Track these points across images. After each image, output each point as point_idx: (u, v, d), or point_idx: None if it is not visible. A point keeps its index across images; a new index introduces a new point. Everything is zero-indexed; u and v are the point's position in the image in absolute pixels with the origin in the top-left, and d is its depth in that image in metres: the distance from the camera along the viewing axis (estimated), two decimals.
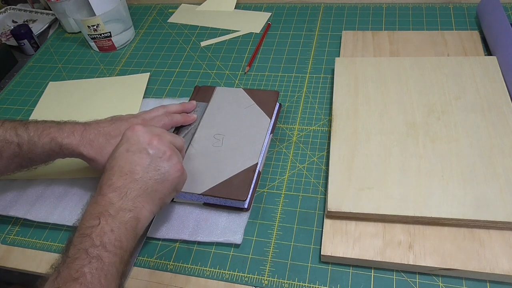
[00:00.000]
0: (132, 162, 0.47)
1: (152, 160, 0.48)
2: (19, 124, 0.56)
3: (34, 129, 0.55)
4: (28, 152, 0.55)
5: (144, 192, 0.47)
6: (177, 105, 0.64)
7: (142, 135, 0.49)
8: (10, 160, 0.56)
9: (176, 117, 0.62)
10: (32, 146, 0.54)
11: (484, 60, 0.65)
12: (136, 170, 0.47)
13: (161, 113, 0.61)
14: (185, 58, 0.82)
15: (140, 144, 0.49)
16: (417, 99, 0.61)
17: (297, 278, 0.50)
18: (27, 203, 0.61)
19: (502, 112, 0.58)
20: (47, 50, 0.92)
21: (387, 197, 0.51)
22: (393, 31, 0.77)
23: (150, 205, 0.48)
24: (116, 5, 0.82)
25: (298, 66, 0.76)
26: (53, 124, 0.56)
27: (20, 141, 0.54)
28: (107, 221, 0.44)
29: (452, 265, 0.47)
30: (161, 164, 0.49)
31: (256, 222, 0.56)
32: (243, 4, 0.93)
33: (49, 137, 0.54)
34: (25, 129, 0.55)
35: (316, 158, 0.61)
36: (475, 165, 0.53)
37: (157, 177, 0.48)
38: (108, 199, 0.45)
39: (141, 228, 0.47)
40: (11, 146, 0.54)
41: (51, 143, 0.54)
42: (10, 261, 0.57)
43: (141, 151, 0.48)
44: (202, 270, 0.52)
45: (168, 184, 0.49)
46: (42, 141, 0.54)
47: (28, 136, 0.54)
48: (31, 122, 0.56)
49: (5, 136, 0.54)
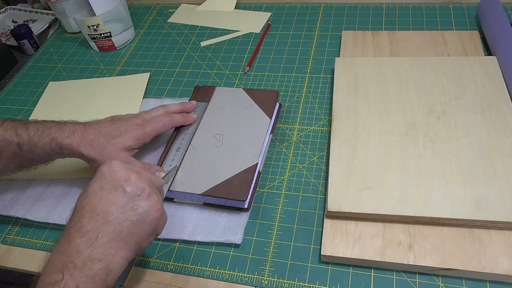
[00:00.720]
0: (107, 201, 0.42)
1: (128, 199, 0.42)
2: (19, 124, 0.56)
3: (35, 129, 0.55)
4: (28, 152, 0.55)
5: (118, 235, 0.41)
6: (177, 105, 0.64)
7: (119, 171, 0.43)
8: (10, 160, 0.55)
9: (177, 117, 0.62)
10: (32, 146, 0.54)
11: (484, 60, 0.65)
12: (110, 210, 0.41)
13: (161, 113, 0.61)
14: (185, 58, 0.82)
15: (116, 181, 0.43)
16: (417, 99, 0.61)
17: (297, 278, 0.50)
18: (27, 203, 0.61)
19: (502, 112, 0.58)
20: (47, 50, 0.92)
21: (387, 197, 0.51)
22: (393, 31, 0.77)
23: (124, 251, 0.42)
24: (116, 5, 0.82)
25: (298, 66, 0.76)
26: (54, 124, 0.56)
27: (20, 141, 0.54)
28: (72, 275, 0.38)
29: (452, 265, 0.47)
30: (139, 203, 0.43)
31: (256, 222, 0.56)
32: (243, 4, 0.93)
33: (49, 137, 0.54)
34: (25, 129, 0.55)
35: (316, 158, 0.61)
36: (475, 165, 0.53)
37: (133, 218, 0.42)
38: (75, 246, 0.39)
39: (112, 279, 0.41)
40: (11, 146, 0.54)
41: (51, 143, 0.54)
42: (10, 261, 0.57)
43: (117, 189, 0.42)
44: (202, 270, 0.52)
45: (146, 226, 0.43)
46: (42, 141, 0.54)
47: (28, 136, 0.54)
48: (31, 122, 0.56)
49: (5, 136, 0.54)
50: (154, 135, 0.60)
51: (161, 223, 0.46)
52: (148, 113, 0.61)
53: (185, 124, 0.64)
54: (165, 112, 0.61)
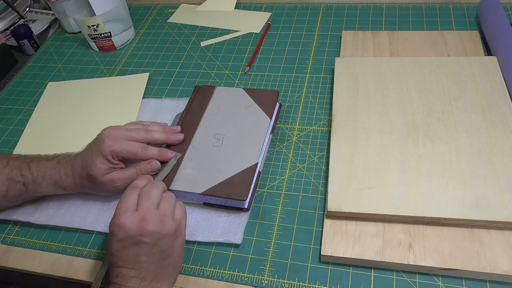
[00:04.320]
0: (134, 255, 0.46)
1: (151, 245, 0.46)
2: (23, 163, 0.57)
3: (37, 171, 0.56)
4: (34, 191, 0.57)
5: (157, 275, 0.47)
6: (160, 133, 0.59)
7: (130, 227, 0.46)
8: (17, 198, 0.58)
9: (152, 150, 0.57)
10: (37, 186, 0.57)
11: (484, 60, 0.65)
12: (141, 260, 0.46)
13: (139, 137, 0.57)
14: (185, 58, 0.82)
15: (133, 238, 0.46)
16: (417, 99, 0.61)
17: (297, 278, 0.50)
18: (29, 207, 0.61)
19: (502, 112, 0.58)
20: (47, 50, 0.92)
21: (387, 197, 0.51)
22: (393, 31, 0.77)
23: (166, 282, 0.48)
24: (116, 5, 0.82)
25: (298, 66, 0.76)
26: (53, 165, 0.57)
27: (25, 181, 0.56)
28: None
29: (452, 265, 0.47)
30: (161, 243, 0.47)
31: (256, 222, 0.56)
32: (243, 4, 0.93)
33: (51, 179, 0.56)
34: (29, 170, 0.56)
35: (316, 158, 0.61)
36: (475, 165, 0.53)
37: (163, 255, 0.47)
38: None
39: None
40: (17, 185, 0.57)
41: (54, 185, 0.57)
42: (10, 261, 0.57)
43: (138, 243, 0.46)
44: (202, 270, 0.52)
45: (175, 252, 0.48)
46: (46, 182, 0.56)
47: (33, 177, 0.56)
48: (33, 161, 0.57)
49: (11, 176, 0.56)
50: (124, 157, 0.56)
51: (183, 236, 0.50)
52: (124, 131, 0.56)
53: (162, 158, 0.58)
54: (143, 139, 0.57)
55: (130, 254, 0.46)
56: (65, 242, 0.58)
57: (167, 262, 0.48)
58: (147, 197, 0.48)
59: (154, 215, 0.47)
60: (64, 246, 0.57)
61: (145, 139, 0.57)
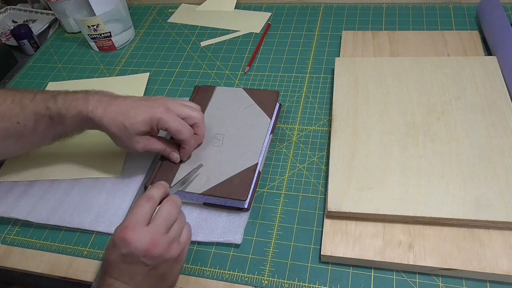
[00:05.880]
0: (131, 272, 0.44)
1: (151, 268, 0.44)
2: (50, 96, 0.55)
3: (63, 102, 0.54)
4: (59, 124, 0.55)
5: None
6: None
7: (135, 247, 0.43)
8: (46, 133, 0.56)
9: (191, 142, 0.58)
10: (61, 118, 0.55)
11: (484, 60, 0.65)
12: (136, 278, 0.44)
13: (187, 123, 0.57)
14: (185, 58, 0.82)
15: (135, 256, 0.43)
16: (417, 99, 0.61)
17: (297, 278, 0.50)
18: (28, 205, 0.61)
19: (502, 112, 0.58)
20: (47, 50, 0.92)
21: (387, 197, 0.51)
22: (393, 31, 0.77)
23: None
24: (116, 5, 0.82)
25: (298, 66, 0.76)
26: (81, 96, 0.55)
27: (51, 114, 0.55)
28: None
29: (452, 265, 0.47)
30: (161, 267, 0.45)
31: (256, 222, 0.56)
32: (243, 4, 0.93)
33: (76, 110, 0.54)
34: (54, 102, 0.55)
35: (316, 158, 0.61)
36: (475, 165, 0.53)
37: (159, 279, 0.46)
38: None
39: None
40: (44, 119, 0.55)
41: (78, 115, 0.54)
42: (10, 261, 0.57)
43: (138, 263, 0.44)
44: (202, 270, 0.52)
45: (173, 276, 0.48)
46: (70, 113, 0.54)
47: (57, 109, 0.54)
48: (60, 94, 0.56)
49: (38, 110, 0.55)
50: (167, 131, 0.55)
51: (184, 261, 0.49)
52: (178, 107, 0.56)
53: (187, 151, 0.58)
54: (191, 129, 0.57)
55: (128, 270, 0.44)
56: (65, 242, 0.58)
57: (163, 284, 0.47)
58: (165, 218, 0.46)
59: (164, 239, 0.45)
60: (64, 246, 0.57)
61: (190, 131, 0.56)
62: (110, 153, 0.65)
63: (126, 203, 0.59)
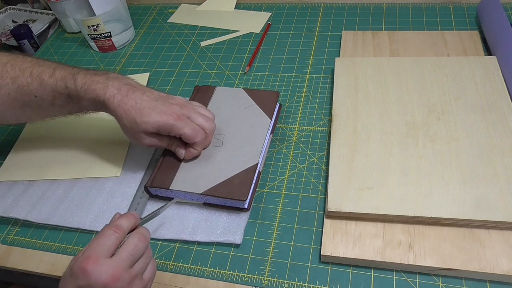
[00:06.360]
0: None
1: None
2: (69, 74, 0.55)
3: (82, 83, 0.54)
4: (77, 103, 0.56)
5: None
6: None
7: (95, 280, 0.40)
8: (62, 108, 0.57)
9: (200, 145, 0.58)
10: (79, 99, 0.55)
11: (484, 60, 0.65)
12: None
13: (203, 129, 0.57)
14: (185, 58, 0.82)
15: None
16: (417, 99, 0.61)
17: (297, 278, 0.50)
18: (28, 205, 0.61)
19: (502, 112, 0.58)
20: (47, 50, 0.92)
21: (387, 197, 0.51)
22: (393, 31, 0.77)
23: None
24: (116, 5, 0.82)
25: (298, 66, 0.76)
26: (100, 79, 0.54)
27: (69, 93, 0.55)
28: None
29: (452, 265, 0.47)
30: None
31: (256, 222, 0.56)
32: (243, 4, 0.93)
33: (94, 94, 0.54)
34: (74, 82, 0.55)
35: (316, 158, 0.61)
36: (475, 165, 0.53)
37: None
38: None
39: None
40: (62, 97, 0.55)
41: (95, 99, 0.54)
42: (10, 261, 0.57)
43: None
44: (202, 270, 0.52)
45: None
46: (88, 96, 0.54)
47: (76, 90, 0.54)
48: (80, 73, 0.55)
49: (56, 87, 0.55)
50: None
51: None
52: (193, 115, 0.56)
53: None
54: (204, 134, 0.57)
55: None
56: (65, 242, 0.58)
57: None
58: (131, 251, 0.43)
59: (126, 275, 0.42)
60: (64, 246, 0.57)
61: (203, 135, 0.57)
62: (110, 153, 0.65)
63: (126, 203, 0.59)
